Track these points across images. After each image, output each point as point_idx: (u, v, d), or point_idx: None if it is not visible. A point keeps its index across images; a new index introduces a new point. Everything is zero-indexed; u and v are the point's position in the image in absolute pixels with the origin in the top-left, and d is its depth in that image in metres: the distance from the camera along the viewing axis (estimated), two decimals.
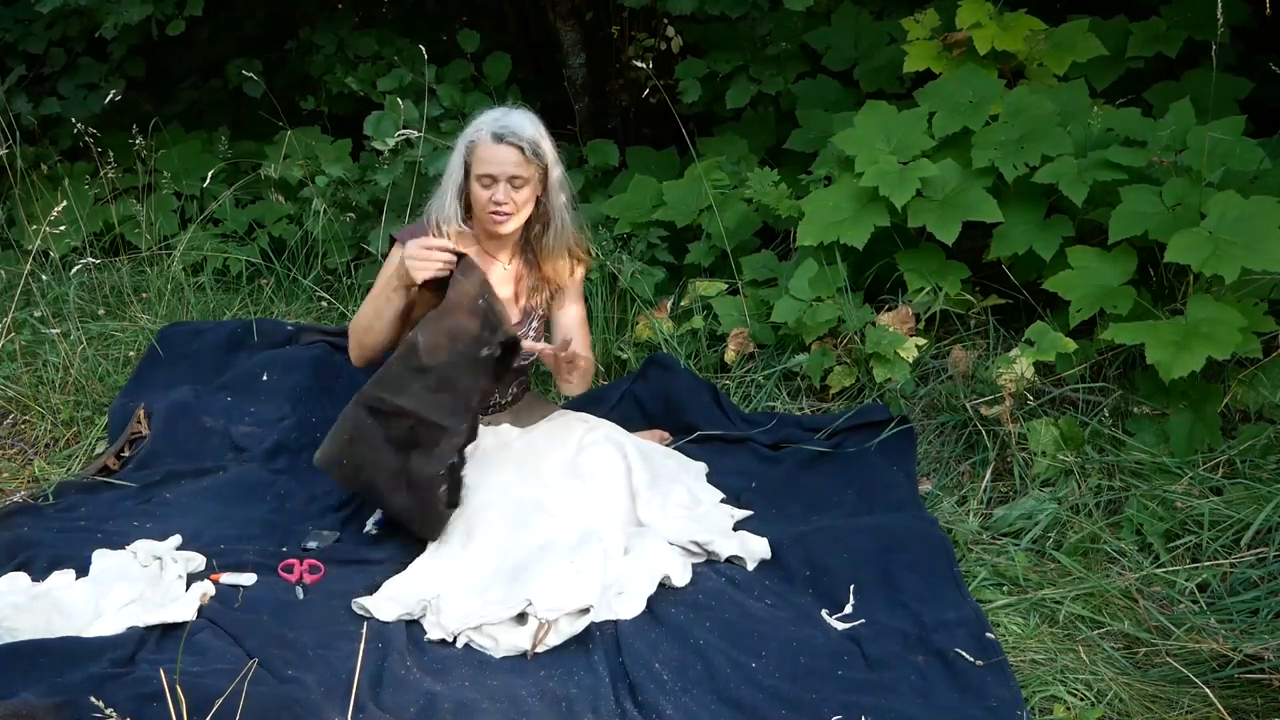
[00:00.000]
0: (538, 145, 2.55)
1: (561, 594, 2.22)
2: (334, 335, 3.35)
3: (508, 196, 2.54)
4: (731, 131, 4.05)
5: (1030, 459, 2.70)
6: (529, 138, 2.53)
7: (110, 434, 3.04)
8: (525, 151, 2.53)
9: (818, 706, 2.00)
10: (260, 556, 2.45)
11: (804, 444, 2.84)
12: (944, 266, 3.11)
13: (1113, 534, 2.51)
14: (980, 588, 2.39)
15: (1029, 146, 2.99)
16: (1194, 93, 3.15)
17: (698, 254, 3.53)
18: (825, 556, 2.41)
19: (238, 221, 4.13)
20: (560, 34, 4.46)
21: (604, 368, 3.39)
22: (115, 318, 3.66)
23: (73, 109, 4.39)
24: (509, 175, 2.53)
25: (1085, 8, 3.72)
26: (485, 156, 2.53)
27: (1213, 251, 2.62)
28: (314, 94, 4.52)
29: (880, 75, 3.77)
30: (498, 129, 2.53)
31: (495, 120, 2.56)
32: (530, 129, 2.56)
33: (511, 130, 2.52)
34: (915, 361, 2.95)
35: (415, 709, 2.01)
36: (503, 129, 2.53)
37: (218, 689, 1.88)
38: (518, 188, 2.55)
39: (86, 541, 2.46)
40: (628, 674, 2.10)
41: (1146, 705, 2.04)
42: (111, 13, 4.08)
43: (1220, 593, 2.32)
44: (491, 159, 2.53)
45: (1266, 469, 2.57)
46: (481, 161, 2.54)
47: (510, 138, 2.52)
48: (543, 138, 2.57)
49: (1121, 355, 2.86)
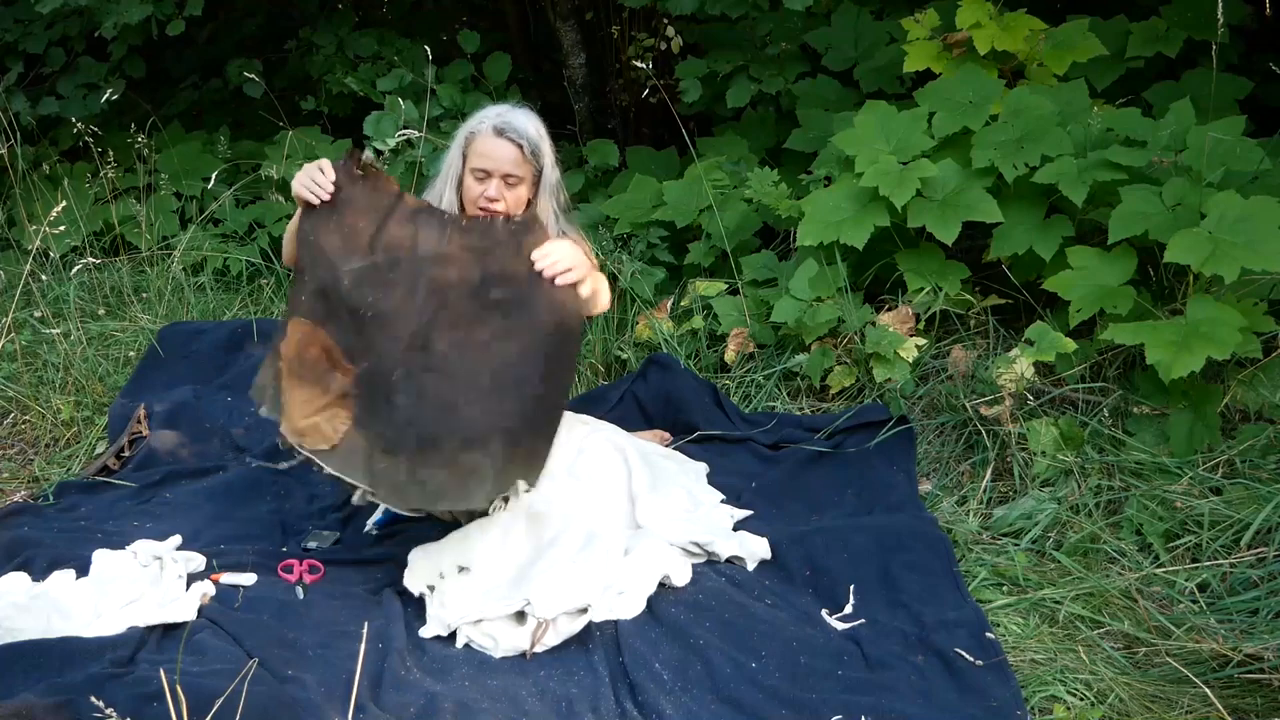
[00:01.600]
0: (537, 146, 2.52)
1: (560, 594, 2.22)
2: None
3: (500, 194, 2.48)
4: (731, 131, 4.05)
5: (1030, 459, 2.70)
6: (530, 137, 2.51)
7: (110, 434, 3.04)
8: (524, 150, 2.49)
9: (818, 706, 2.00)
10: (260, 556, 2.45)
11: (804, 444, 2.85)
12: (944, 266, 3.11)
13: (1113, 534, 2.51)
14: (980, 588, 2.39)
15: (1029, 146, 2.99)
16: (1194, 93, 3.15)
17: (698, 254, 3.53)
18: (825, 556, 2.41)
19: (238, 221, 4.13)
20: (560, 34, 4.46)
21: (604, 368, 3.39)
22: (115, 318, 3.66)
23: (72, 109, 4.39)
24: (504, 172, 2.49)
25: (1085, 8, 3.73)
26: (483, 150, 2.50)
27: (1213, 251, 2.62)
28: (314, 94, 4.52)
29: (880, 75, 3.77)
30: (500, 123, 2.50)
31: (498, 115, 2.52)
32: (532, 129, 2.53)
33: (513, 127, 2.49)
34: (915, 361, 2.95)
35: (415, 709, 2.01)
36: (505, 124, 2.50)
37: (218, 689, 1.88)
38: (511, 186, 2.49)
39: (86, 541, 2.46)
40: (628, 674, 2.10)
41: (1146, 705, 2.04)
42: (111, 13, 4.09)
43: (1220, 593, 2.32)
44: (489, 153, 2.49)
45: (1266, 469, 2.57)
46: (479, 154, 2.49)
47: (511, 134, 2.48)
48: (543, 139, 2.55)
49: (1121, 355, 2.86)
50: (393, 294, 2.33)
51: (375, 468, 2.26)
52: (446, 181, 2.57)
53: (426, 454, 2.26)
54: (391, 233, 2.36)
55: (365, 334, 2.31)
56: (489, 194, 2.48)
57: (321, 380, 2.31)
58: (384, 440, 2.28)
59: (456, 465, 2.26)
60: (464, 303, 2.33)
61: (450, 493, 2.27)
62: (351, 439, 2.29)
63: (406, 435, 2.27)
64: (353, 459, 2.28)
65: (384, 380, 2.30)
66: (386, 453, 2.27)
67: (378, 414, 2.29)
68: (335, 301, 2.33)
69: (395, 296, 2.33)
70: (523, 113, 2.56)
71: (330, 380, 2.31)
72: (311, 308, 2.33)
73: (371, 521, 2.63)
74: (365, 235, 2.35)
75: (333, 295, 2.33)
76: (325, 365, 2.31)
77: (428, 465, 2.26)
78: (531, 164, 2.50)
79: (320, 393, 2.30)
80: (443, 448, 2.26)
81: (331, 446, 2.27)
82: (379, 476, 2.27)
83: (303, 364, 2.31)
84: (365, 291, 2.33)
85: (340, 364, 2.31)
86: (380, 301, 2.33)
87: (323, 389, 2.30)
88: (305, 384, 2.30)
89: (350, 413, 2.29)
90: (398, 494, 2.28)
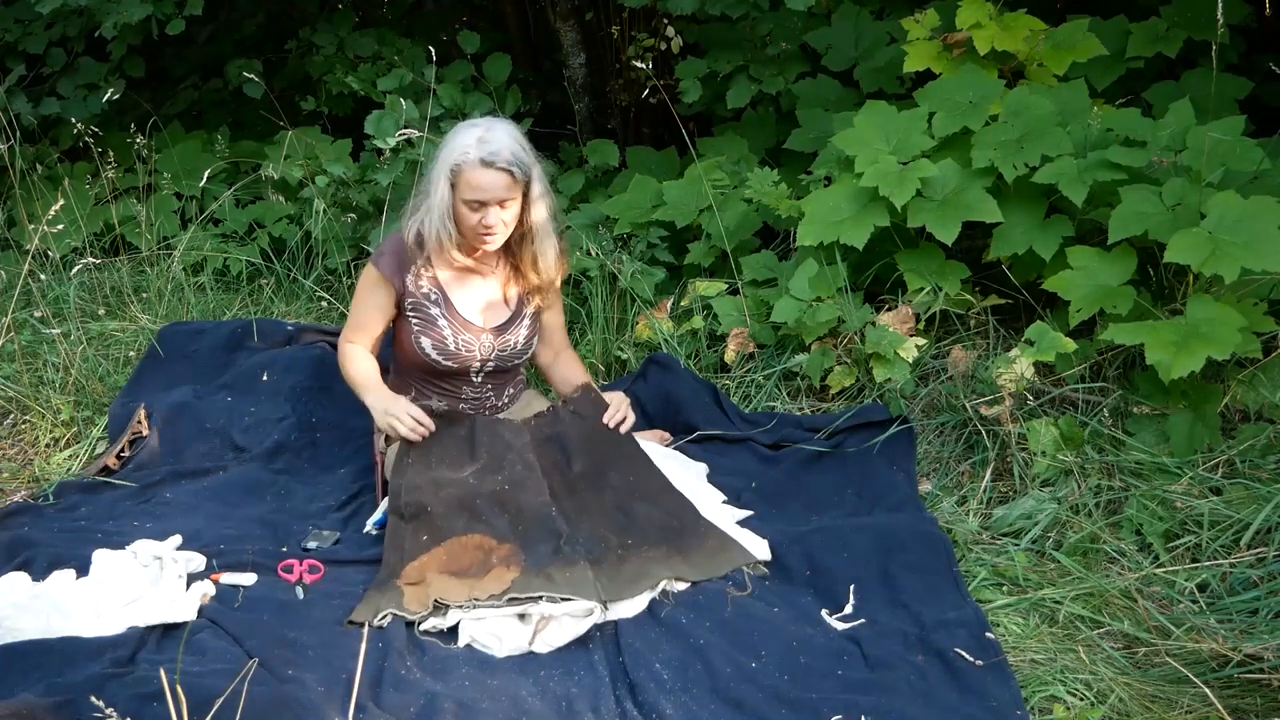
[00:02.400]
0: (524, 163, 2.54)
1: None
2: (334, 335, 3.35)
3: (497, 219, 2.55)
4: (731, 131, 4.05)
5: (1030, 459, 2.70)
6: (516, 160, 2.52)
7: (110, 434, 3.04)
8: (515, 175, 2.53)
9: (818, 706, 2.01)
10: (260, 556, 2.45)
11: (804, 444, 2.85)
12: (944, 266, 3.11)
13: (1113, 534, 2.51)
14: (980, 588, 2.39)
15: (1029, 146, 2.99)
16: (1194, 93, 3.15)
17: (698, 254, 3.53)
18: (825, 556, 2.41)
19: (238, 221, 4.13)
20: (560, 34, 4.46)
21: (604, 368, 3.39)
22: (115, 318, 3.66)
23: (72, 109, 4.39)
24: (499, 199, 2.54)
25: (1085, 8, 3.73)
26: (474, 183, 2.52)
27: (1212, 251, 2.62)
28: (314, 94, 4.52)
29: (880, 75, 3.77)
30: (485, 155, 2.50)
31: (480, 143, 2.51)
32: (514, 146, 2.53)
33: (499, 156, 2.50)
34: (915, 361, 2.95)
35: (415, 709, 2.01)
36: (491, 155, 2.50)
37: (218, 689, 1.88)
38: (506, 208, 2.56)
39: (86, 541, 2.46)
40: (628, 674, 2.10)
41: (1146, 705, 2.04)
42: (111, 13, 4.09)
43: (1220, 593, 2.32)
44: (480, 185, 2.51)
45: (1266, 469, 2.57)
46: (470, 187, 2.52)
47: (499, 163, 2.50)
48: (525, 150, 2.56)
49: (1121, 355, 2.86)
50: (515, 469, 2.49)
51: (559, 577, 2.28)
52: (442, 215, 2.58)
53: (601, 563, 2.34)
54: (484, 441, 2.55)
55: (511, 503, 2.43)
56: (486, 221, 2.56)
57: (480, 570, 2.32)
58: (562, 560, 2.32)
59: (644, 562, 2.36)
60: (562, 479, 2.53)
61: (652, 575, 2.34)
62: (524, 578, 2.29)
63: (577, 551, 2.34)
64: (530, 584, 2.28)
65: (543, 524, 2.39)
66: (568, 565, 2.31)
67: (546, 551, 2.34)
68: (470, 503, 2.42)
69: (518, 470, 2.49)
70: (500, 129, 2.56)
71: (489, 564, 2.32)
72: (452, 526, 2.39)
73: (371, 521, 2.63)
74: (464, 454, 2.53)
75: (467, 500, 2.43)
76: (482, 558, 2.34)
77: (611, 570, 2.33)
78: (522, 182, 2.56)
79: (474, 582, 2.30)
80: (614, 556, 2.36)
81: (503, 591, 2.27)
82: (565, 582, 2.27)
83: (459, 571, 2.32)
84: (492, 478, 2.47)
85: (497, 547, 2.35)
86: (509, 476, 2.48)
87: (477, 578, 2.31)
88: (459, 579, 2.31)
89: (518, 567, 2.31)
90: (590, 588, 2.27)
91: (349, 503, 2.74)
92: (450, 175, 2.54)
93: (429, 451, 2.53)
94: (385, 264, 2.66)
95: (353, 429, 3.01)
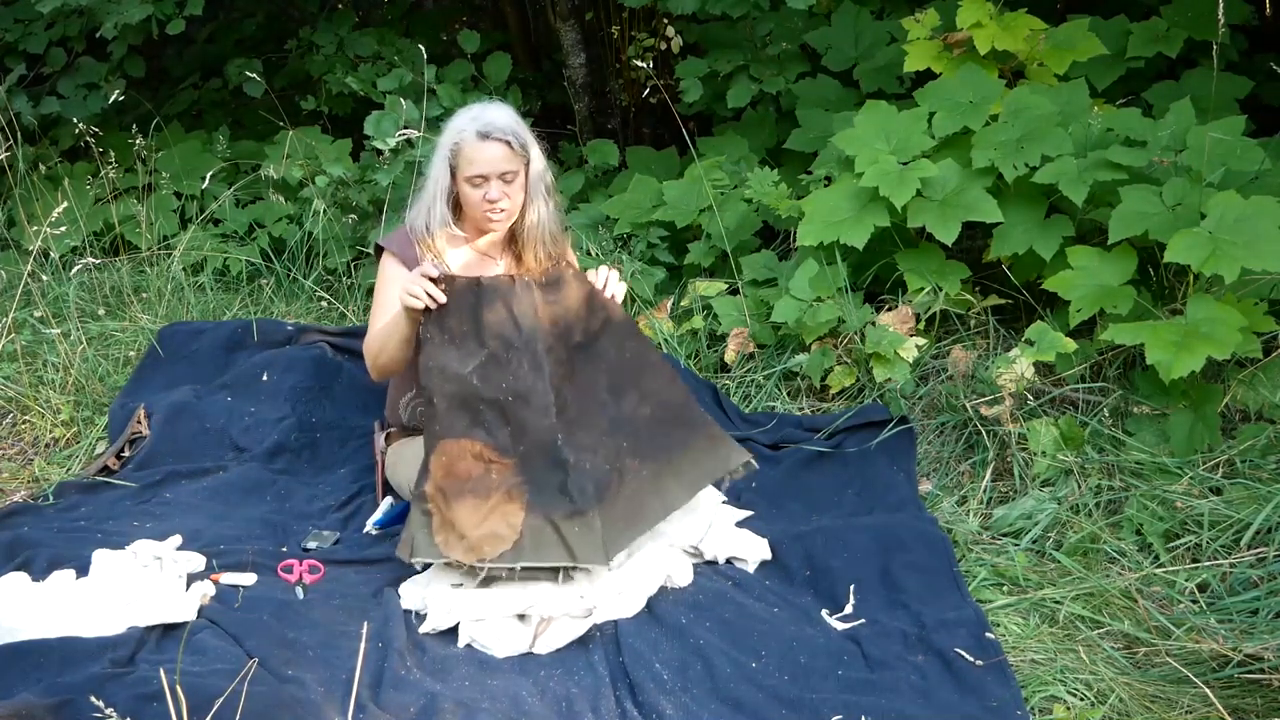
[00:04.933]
0: (521, 137, 2.54)
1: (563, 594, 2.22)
2: (334, 335, 3.35)
3: (501, 192, 2.53)
4: (731, 131, 4.05)
5: (1030, 459, 2.70)
6: (513, 131, 2.52)
7: (110, 434, 3.04)
8: (513, 145, 2.51)
9: (818, 706, 2.01)
10: (260, 556, 2.45)
11: (804, 444, 2.85)
12: (944, 266, 3.11)
13: (1113, 534, 2.51)
14: (980, 588, 2.39)
15: (1029, 146, 2.99)
16: (1194, 93, 3.15)
17: (698, 254, 3.53)
18: (825, 556, 2.41)
19: (238, 221, 4.13)
20: (560, 34, 4.46)
21: None
22: (115, 318, 3.66)
23: (73, 109, 4.39)
24: (500, 171, 2.52)
25: (1085, 7, 3.73)
26: (473, 156, 2.51)
27: (1213, 251, 2.62)
28: (314, 94, 4.52)
29: (880, 75, 3.78)
30: (482, 127, 2.50)
31: (476, 119, 2.53)
32: (511, 121, 2.54)
33: (496, 126, 2.50)
34: (915, 361, 2.95)
35: (415, 709, 2.01)
36: (487, 126, 2.50)
37: (218, 689, 1.88)
38: (509, 181, 2.53)
39: (86, 541, 2.46)
40: (628, 674, 2.10)
41: (1146, 705, 2.04)
42: (111, 13, 4.08)
43: (1220, 593, 2.32)
44: (480, 158, 2.51)
45: (1266, 469, 2.57)
46: (470, 162, 2.52)
47: (496, 134, 2.50)
48: (522, 127, 2.57)
49: (1121, 355, 2.86)
50: (521, 373, 2.35)
51: (570, 536, 2.23)
52: (435, 197, 2.57)
53: (606, 501, 2.28)
54: (489, 321, 2.38)
55: (514, 418, 2.32)
56: (490, 196, 2.53)
57: (480, 486, 2.28)
58: (569, 505, 2.26)
59: (637, 492, 2.33)
60: (567, 355, 2.40)
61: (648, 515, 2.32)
62: (533, 523, 2.25)
63: (586, 492, 2.27)
64: (543, 541, 2.24)
65: (547, 451, 2.30)
66: (576, 516, 2.25)
67: (551, 485, 2.28)
68: (473, 406, 2.33)
69: (524, 374, 2.35)
70: (495, 107, 2.58)
71: (489, 481, 2.28)
72: (451, 425, 2.32)
73: (371, 521, 2.63)
74: (469, 334, 2.38)
75: (469, 401, 2.33)
76: (481, 470, 2.29)
77: (614, 510, 2.28)
78: (521, 156, 2.54)
79: (483, 498, 2.27)
80: (615, 485, 2.30)
81: (514, 544, 2.22)
82: (577, 543, 2.23)
83: (457, 481, 2.28)
84: (496, 381, 2.34)
85: (497, 460, 2.30)
86: (514, 383, 2.34)
87: (484, 494, 2.27)
88: (465, 497, 2.27)
89: (521, 501, 2.26)
90: (600, 552, 2.23)
91: (349, 503, 2.74)
92: (450, 156, 2.54)
93: (443, 323, 2.38)
94: (395, 245, 2.64)
95: (353, 429, 3.01)
